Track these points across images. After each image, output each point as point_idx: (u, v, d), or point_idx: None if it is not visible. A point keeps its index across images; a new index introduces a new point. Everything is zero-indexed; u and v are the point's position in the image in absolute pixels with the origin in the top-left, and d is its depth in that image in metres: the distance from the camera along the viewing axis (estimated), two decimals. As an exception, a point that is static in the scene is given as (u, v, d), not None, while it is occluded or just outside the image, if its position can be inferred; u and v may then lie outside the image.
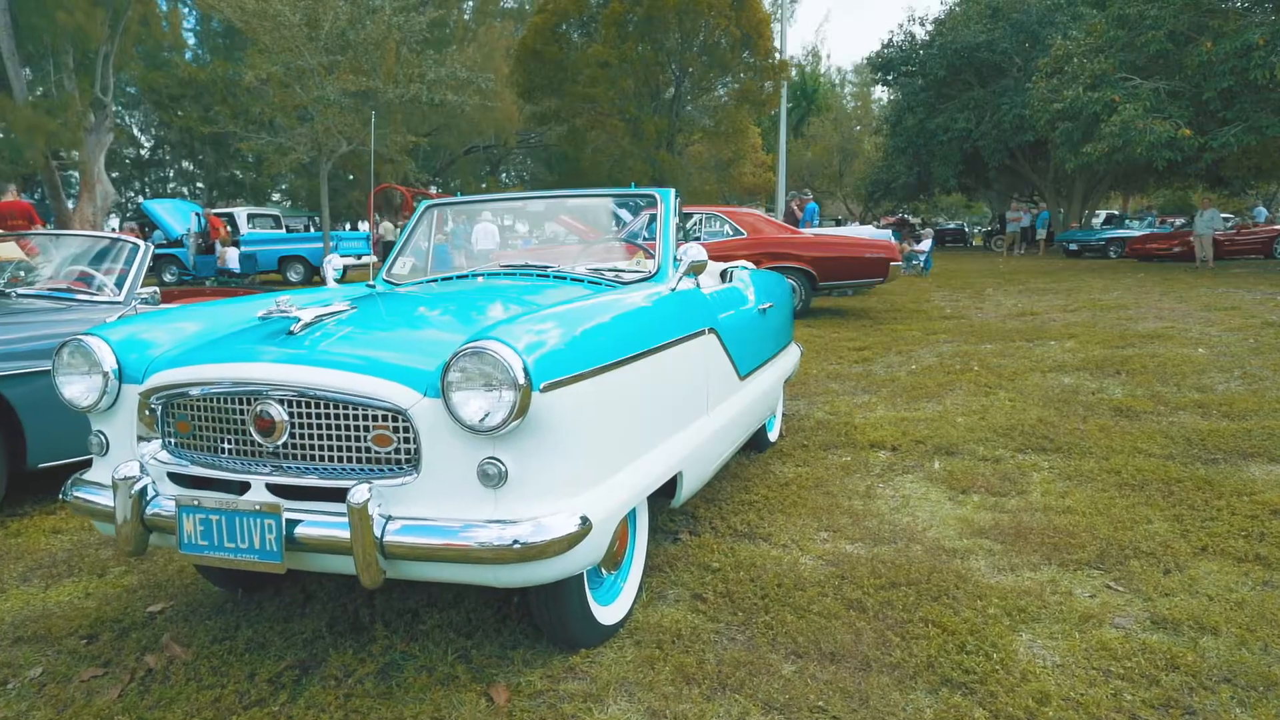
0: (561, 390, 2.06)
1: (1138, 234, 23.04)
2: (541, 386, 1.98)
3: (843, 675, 2.27)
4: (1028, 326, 9.03)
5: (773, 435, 4.65)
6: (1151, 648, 2.36)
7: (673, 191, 3.43)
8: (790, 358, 4.71)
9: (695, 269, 3.02)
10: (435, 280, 3.40)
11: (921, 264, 17.63)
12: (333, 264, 3.54)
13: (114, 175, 28.08)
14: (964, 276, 16.67)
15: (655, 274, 3.15)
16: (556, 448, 2.07)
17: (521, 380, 1.93)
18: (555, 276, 3.22)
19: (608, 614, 2.49)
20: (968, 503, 3.66)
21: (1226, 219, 22.65)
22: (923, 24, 29.93)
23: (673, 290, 2.99)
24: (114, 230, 20.47)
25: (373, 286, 3.51)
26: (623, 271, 3.28)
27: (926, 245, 18.54)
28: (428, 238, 3.75)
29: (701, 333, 3.03)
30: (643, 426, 2.52)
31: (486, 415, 1.95)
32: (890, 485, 3.93)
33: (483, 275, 3.34)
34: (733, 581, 2.85)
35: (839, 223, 35.84)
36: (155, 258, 18.54)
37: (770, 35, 22.07)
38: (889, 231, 15.78)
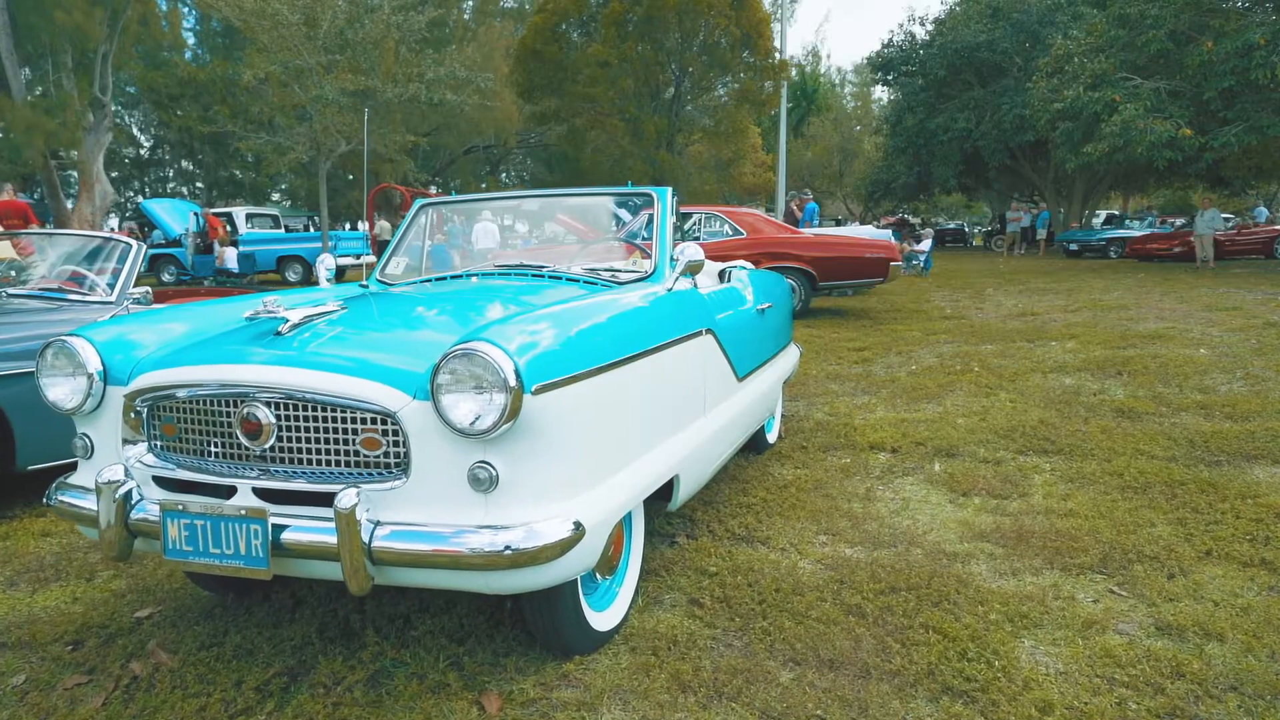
0: (554, 392, 2.02)
1: (1138, 234, 23.00)
2: (533, 389, 1.94)
3: (841, 683, 2.22)
4: (1028, 327, 8.99)
5: (771, 437, 4.61)
6: (1156, 655, 2.32)
7: (669, 190, 3.39)
8: (789, 358, 4.67)
9: (692, 269, 2.97)
10: (429, 280, 3.36)
11: (921, 264, 17.59)
12: (325, 264, 3.49)
13: (113, 175, 28.05)
14: (964, 276, 16.63)
15: (652, 274, 3.10)
16: (549, 451, 2.03)
17: (512, 382, 1.89)
18: (550, 276, 3.17)
19: (602, 620, 2.45)
20: (968, 505, 3.61)
21: (1227, 219, 22.61)
22: (923, 24, 29.94)
23: (669, 290, 2.94)
24: (113, 230, 20.46)
25: (366, 286, 3.47)
26: (619, 271, 3.24)
27: (926, 245, 18.50)
28: (422, 237, 3.71)
29: (699, 333, 2.99)
30: (639, 429, 2.47)
31: (477, 418, 1.91)
32: (890, 487, 3.89)
33: (477, 275, 3.30)
34: (730, 586, 2.81)
35: (839, 223, 35.80)
36: (154, 257, 18.59)
37: (770, 35, 22.02)
38: (889, 231, 15.74)
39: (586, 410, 2.16)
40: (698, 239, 10.25)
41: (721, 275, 4.03)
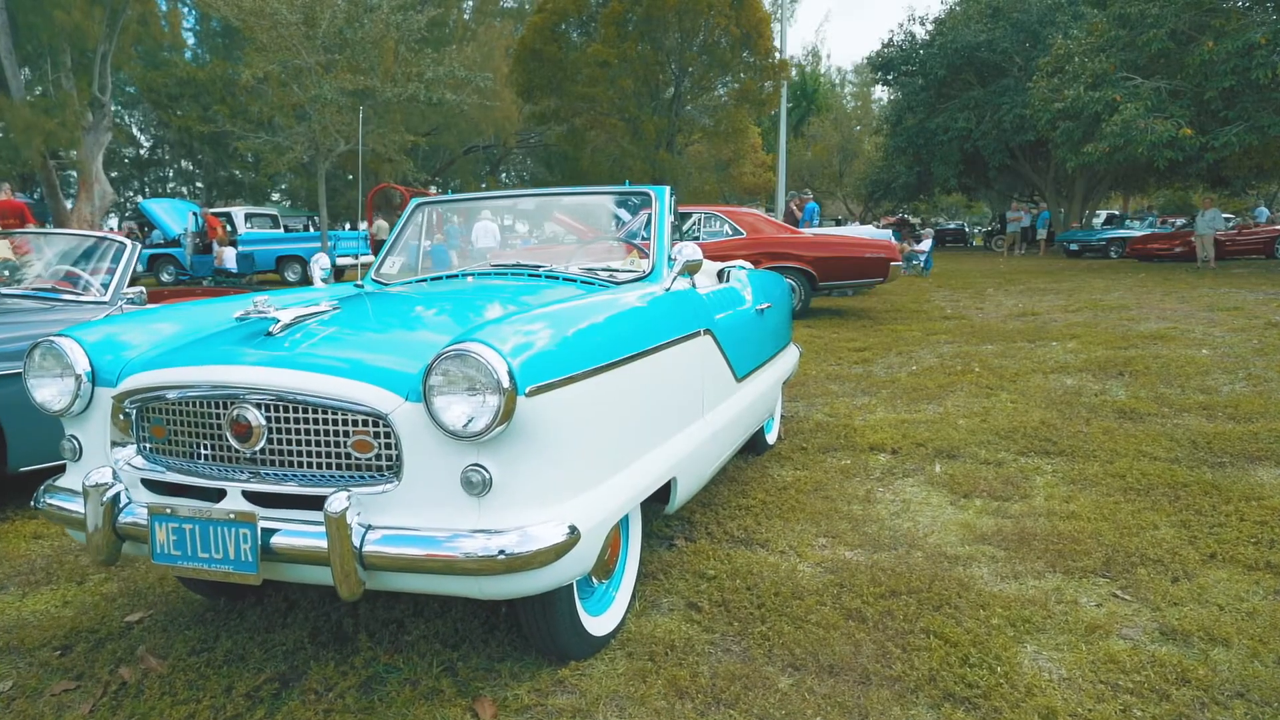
0: (549, 394, 1.98)
1: (1138, 234, 22.97)
2: (527, 390, 1.90)
3: (841, 689, 2.19)
4: (1029, 327, 8.95)
5: (771, 438, 4.57)
6: (1161, 660, 2.28)
7: (668, 189, 3.35)
8: (789, 359, 4.63)
9: (690, 269, 2.94)
10: (424, 280, 3.33)
11: (921, 264, 17.55)
12: (320, 263, 3.46)
13: (112, 175, 28.02)
14: (964, 277, 16.59)
15: (649, 274, 3.07)
16: (544, 454, 1.99)
17: (506, 384, 1.85)
18: (547, 276, 3.14)
19: (599, 624, 2.41)
20: (969, 507, 3.58)
21: (1228, 219, 22.58)
22: (923, 23, 29.98)
23: (667, 290, 2.91)
24: (111, 230, 20.43)
25: (361, 286, 3.43)
26: (616, 271, 3.21)
27: (926, 245, 18.46)
28: (418, 237, 3.67)
29: (697, 334, 2.95)
30: (636, 431, 2.44)
31: (470, 420, 1.87)
32: (890, 489, 3.86)
33: (473, 275, 3.26)
34: (729, 590, 2.77)
35: (839, 223, 35.75)
36: (153, 257, 18.53)
37: (770, 35, 21.97)
38: (889, 231, 15.70)
39: (582, 412, 2.12)
40: (697, 239, 10.22)
41: (720, 275, 3.99)
